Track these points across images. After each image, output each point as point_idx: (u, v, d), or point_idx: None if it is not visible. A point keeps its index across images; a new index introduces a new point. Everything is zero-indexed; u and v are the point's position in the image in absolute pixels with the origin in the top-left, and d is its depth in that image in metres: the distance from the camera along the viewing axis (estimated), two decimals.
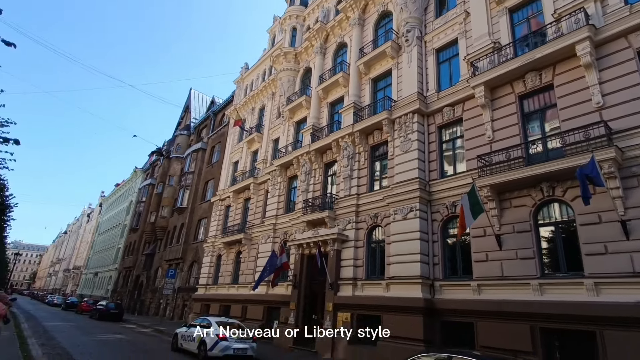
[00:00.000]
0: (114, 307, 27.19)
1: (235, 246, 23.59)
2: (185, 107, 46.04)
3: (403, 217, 13.02)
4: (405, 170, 13.57)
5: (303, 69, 22.91)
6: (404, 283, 12.21)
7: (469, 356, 5.89)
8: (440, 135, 13.78)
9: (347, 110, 17.17)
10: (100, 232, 67.10)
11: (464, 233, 10.03)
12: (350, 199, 15.53)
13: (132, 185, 56.36)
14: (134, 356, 11.76)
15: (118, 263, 49.10)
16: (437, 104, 13.81)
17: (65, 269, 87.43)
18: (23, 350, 10.76)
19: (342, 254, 15.07)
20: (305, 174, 18.63)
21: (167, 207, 38.29)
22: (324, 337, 14.01)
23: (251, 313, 19.19)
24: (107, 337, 16.20)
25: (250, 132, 26.26)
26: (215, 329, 12.04)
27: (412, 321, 11.45)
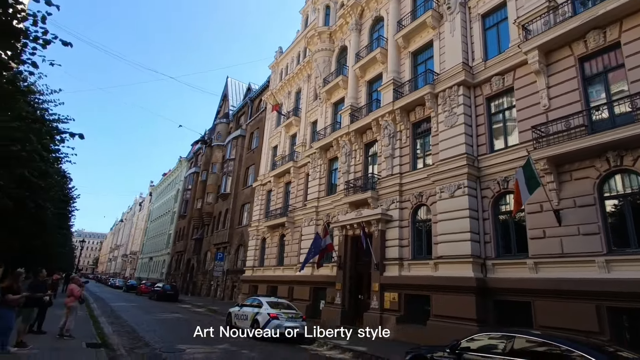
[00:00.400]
0: (170, 289, 29.00)
1: (279, 229, 24.10)
2: (223, 95, 47.02)
3: (450, 195, 12.56)
4: (451, 147, 13.01)
5: (338, 48, 22.42)
6: (453, 262, 11.88)
7: (534, 335, 5.60)
8: (488, 107, 13.01)
9: (386, 87, 16.65)
10: (152, 219, 71.35)
11: (519, 209, 9.47)
12: (393, 179, 15.22)
13: (178, 174, 59.02)
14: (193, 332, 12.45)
15: (170, 248, 52.10)
16: (485, 74, 12.98)
17: (123, 255, 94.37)
18: (96, 328, 11.77)
19: (387, 234, 14.90)
20: (346, 155, 18.46)
21: (211, 194, 39.78)
22: (371, 317, 14.08)
23: (298, 293, 19.67)
24: (165, 316, 17.33)
25: (288, 117, 26.35)
26: (266, 308, 12.44)
27: (463, 301, 11.15)
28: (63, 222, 20.67)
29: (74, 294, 9.88)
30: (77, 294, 9.80)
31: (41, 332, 9.61)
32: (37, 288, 8.30)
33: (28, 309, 7.99)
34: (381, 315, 13.78)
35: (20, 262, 16.32)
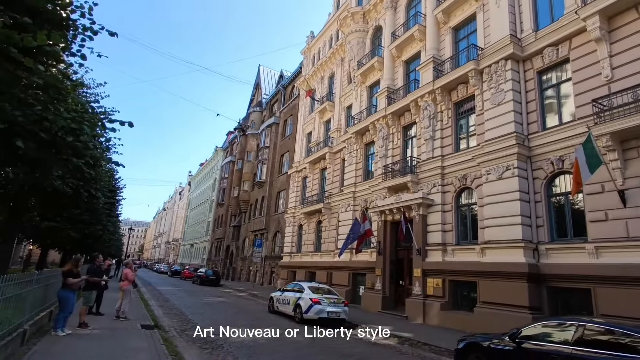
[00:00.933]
0: (212, 274, 30.08)
1: (315, 216, 24.17)
2: (255, 84, 47.37)
3: (498, 176, 11.90)
4: (498, 125, 12.27)
5: (372, 29, 21.70)
6: (502, 247, 11.31)
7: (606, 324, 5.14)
8: (539, 82, 12.09)
9: (426, 66, 15.93)
10: (191, 207, 74.22)
11: (579, 190, 8.76)
12: (434, 161, 14.66)
13: (215, 163, 60.66)
14: (238, 316, 12.81)
15: (209, 235, 54.02)
16: (535, 46, 12.03)
17: (166, 242, 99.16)
18: (148, 310, 12.36)
19: (428, 219, 14.46)
20: (383, 139, 18.00)
21: (247, 182, 40.55)
22: (414, 303, 13.82)
23: (337, 279, 19.70)
24: (210, 299, 17.96)
25: (322, 102, 26.07)
26: (308, 293, 12.51)
27: (514, 287, 10.62)
28: (112, 210, 21.81)
29: (128, 278, 10.37)
30: (132, 278, 10.29)
31: (99, 313, 10.19)
32: (96, 272, 8.78)
33: (88, 292, 8.49)
34: (424, 301, 13.48)
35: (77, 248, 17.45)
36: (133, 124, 5.71)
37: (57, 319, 7.59)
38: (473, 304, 12.17)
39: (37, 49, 4.77)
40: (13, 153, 5.36)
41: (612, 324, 5.21)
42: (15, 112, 4.74)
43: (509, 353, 5.69)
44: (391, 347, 9.67)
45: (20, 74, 4.38)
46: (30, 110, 4.99)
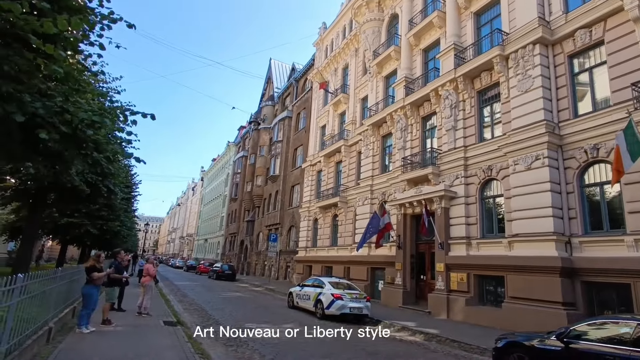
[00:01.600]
0: (228, 269, 30.14)
1: (331, 210, 23.88)
2: (267, 78, 47.06)
3: (526, 167, 11.40)
4: (526, 113, 11.73)
5: (388, 17, 21.13)
6: (532, 240, 10.85)
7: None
8: (571, 66, 11.49)
9: (446, 53, 15.38)
10: (204, 203, 74.73)
11: (620, 179, 8.23)
12: (456, 152, 14.18)
13: (227, 158, 60.77)
14: (257, 311, 12.66)
15: (223, 230, 54.28)
16: (566, 28, 11.42)
17: (180, 237, 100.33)
18: (168, 306, 12.29)
19: (451, 212, 14.03)
20: (401, 131, 17.53)
21: (260, 177, 40.46)
22: (437, 298, 13.47)
23: (354, 273, 19.42)
24: (228, 295, 17.90)
25: (336, 94, 25.64)
26: (329, 288, 12.26)
27: (546, 282, 10.18)
28: (128, 206, 21.90)
29: (150, 274, 10.27)
30: (153, 273, 10.18)
31: (121, 309, 10.11)
32: (118, 268, 8.64)
33: (110, 288, 8.36)
34: (448, 296, 13.12)
35: (96, 244, 17.55)
36: (155, 116, 5.47)
37: (81, 315, 7.48)
38: (500, 300, 11.78)
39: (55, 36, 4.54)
40: (34, 147, 5.18)
41: None
42: (36, 103, 4.53)
43: (556, 354, 5.32)
44: (418, 344, 9.36)
45: (40, 62, 4.15)
46: (51, 102, 4.78)
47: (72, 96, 5.13)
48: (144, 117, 5.42)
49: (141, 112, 5.36)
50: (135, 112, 5.35)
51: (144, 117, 5.42)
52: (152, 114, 5.46)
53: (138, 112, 5.35)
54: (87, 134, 5.57)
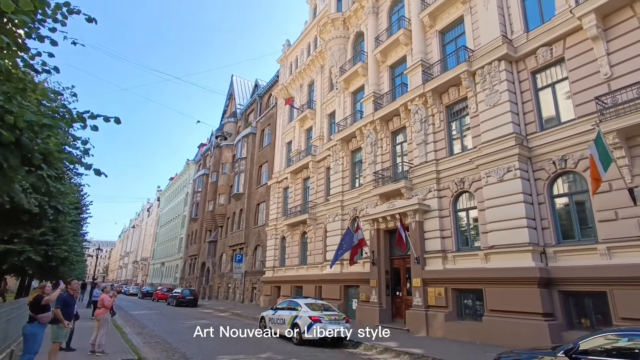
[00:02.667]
0: (189, 294, 28.18)
1: (299, 227, 23.22)
2: (228, 94, 46.11)
3: (499, 179, 11.56)
4: (495, 127, 12.01)
5: (354, 35, 21.41)
6: (508, 252, 10.89)
7: None
8: (534, 82, 11.97)
9: (414, 69, 15.64)
10: (161, 224, 70.73)
11: (598, 187, 8.39)
12: (428, 166, 14.23)
13: (187, 177, 58.26)
14: (227, 341, 11.60)
15: (182, 252, 51.40)
16: (528, 46, 11.94)
17: (134, 261, 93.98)
18: (125, 340, 10.92)
19: (425, 226, 13.94)
20: (371, 145, 17.47)
21: (223, 195, 38.95)
22: (415, 314, 13.15)
23: (327, 292, 18.75)
24: (192, 322, 16.48)
25: (302, 110, 25.38)
26: (306, 311, 11.53)
27: (525, 293, 10.18)
28: (78, 229, 19.89)
29: (105, 305, 9.03)
30: (109, 305, 8.95)
31: (70, 349, 8.76)
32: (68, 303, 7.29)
33: (57, 326, 7.06)
34: (426, 312, 12.84)
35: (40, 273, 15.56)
36: (120, 120, 4.72)
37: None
38: (479, 313, 11.68)
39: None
40: None
41: None
42: None
43: None
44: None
45: None
46: None
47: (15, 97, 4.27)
48: (107, 122, 4.63)
49: (103, 116, 4.58)
50: (95, 115, 4.56)
51: (106, 122, 4.62)
52: (117, 117, 4.71)
53: (100, 115, 4.57)
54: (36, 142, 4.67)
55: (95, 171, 4.92)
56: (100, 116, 4.62)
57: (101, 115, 4.63)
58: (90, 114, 4.60)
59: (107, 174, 5.20)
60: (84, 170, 4.85)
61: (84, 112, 4.62)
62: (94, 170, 4.90)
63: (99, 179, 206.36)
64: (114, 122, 4.72)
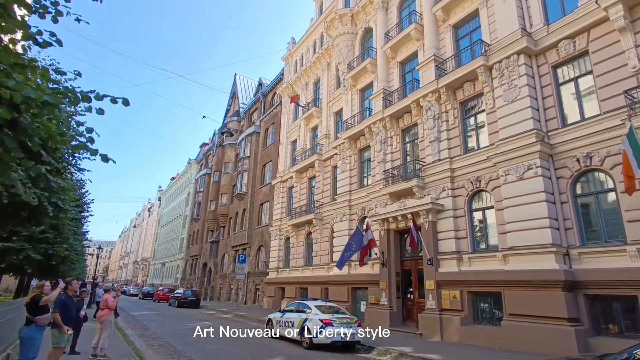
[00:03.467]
0: (191, 295, 27.68)
1: (305, 227, 22.74)
2: (231, 93, 45.67)
3: (518, 177, 11.08)
4: (514, 123, 11.53)
5: (362, 31, 20.96)
6: (529, 253, 10.40)
7: None
8: (555, 76, 11.49)
9: (426, 65, 15.18)
10: (162, 224, 70.24)
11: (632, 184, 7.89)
12: (441, 164, 13.75)
13: (188, 177, 57.80)
14: (234, 344, 11.11)
15: (183, 252, 50.90)
16: (549, 40, 11.47)
17: (134, 261, 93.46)
18: (127, 342, 10.44)
19: (439, 226, 13.45)
20: (381, 143, 17.00)
21: (226, 195, 38.49)
22: (428, 318, 12.64)
23: (334, 294, 18.22)
24: (196, 324, 15.94)
25: (308, 108, 24.92)
26: (317, 313, 11.03)
27: (548, 297, 9.68)
28: (78, 227, 19.42)
29: (109, 306, 8.54)
30: (112, 306, 8.45)
31: (74, 352, 8.26)
32: (67, 305, 6.77)
33: (55, 330, 6.54)
34: (440, 316, 12.34)
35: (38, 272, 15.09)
36: (128, 101, 4.27)
37: None
38: (497, 318, 11.20)
39: None
40: None
41: None
42: None
43: None
44: None
45: None
46: None
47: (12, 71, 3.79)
48: (114, 103, 4.18)
49: (110, 96, 4.12)
50: (102, 95, 4.10)
51: (113, 103, 4.17)
52: (125, 98, 4.25)
53: (106, 95, 4.11)
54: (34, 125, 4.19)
55: (102, 157, 4.44)
56: (107, 96, 4.16)
57: (108, 95, 4.17)
58: (96, 93, 4.13)
59: (115, 160, 4.74)
60: (90, 156, 4.35)
61: (89, 91, 4.16)
62: (100, 156, 4.41)
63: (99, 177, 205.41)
64: (121, 103, 4.27)
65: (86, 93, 4.10)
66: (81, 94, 4.04)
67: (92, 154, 4.43)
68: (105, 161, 4.55)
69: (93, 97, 4.08)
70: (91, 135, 4.61)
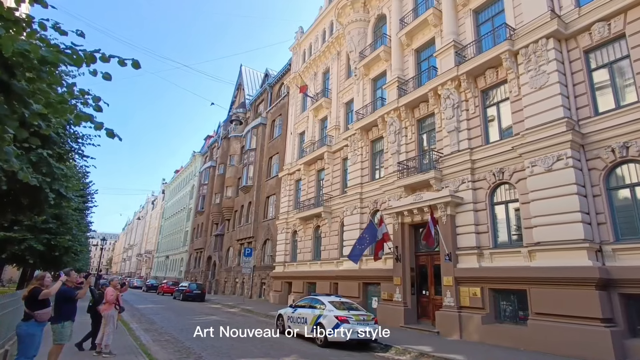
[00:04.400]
0: (196, 288, 27.26)
1: (313, 221, 22.20)
2: (237, 85, 45.03)
3: (547, 168, 10.43)
4: (542, 111, 10.86)
5: (375, 18, 20.21)
6: (558, 249, 9.78)
7: None
8: (587, 62, 10.79)
9: (445, 51, 14.48)
10: (166, 217, 69.99)
11: None
12: (461, 155, 13.12)
13: (193, 169, 57.37)
14: (244, 340, 10.62)
15: (187, 245, 50.60)
16: (581, 22, 10.76)
17: (137, 254, 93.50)
18: (133, 337, 9.95)
19: (457, 220, 12.85)
20: (395, 134, 16.35)
21: (231, 187, 38.01)
22: (446, 316, 12.09)
23: (343, 290, 17.69)
24: (202, 319, 15.53)
25: (317, 99, 24.26)
26: (331, 309, 10.50)
27: (580, 295, 9.09)
28: (82, 217, 18.96)
29: (107, 299, 8.02)
30: (111, 299, 7.91)
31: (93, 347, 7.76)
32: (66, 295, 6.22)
33: (59, 325, 6.03)
34: (459, 313, 11.77)
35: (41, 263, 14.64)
36: (139, 63, 3.69)
37: None
38: (521, 316, 10.63)
39: None
40: None
41: None
42: None
43: None
44: None
45: None
46: None
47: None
48: (123, 65, 3.61)
49: (118, 57, 3.53)
50: (108, 56, 3.51)
51: (121, 65, 3.60)
52: (135, 59, 3.67)
53: (114, 55, 3.52)
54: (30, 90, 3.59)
55: (108, 132, 3.84)
56: (114, 57, 3.56)
57: (115, 56, 3.57)
58: (101, 53, 3.55)
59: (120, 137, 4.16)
60: (95, 130, 3.77)
61: (93, 50, 3.57)
62: (105, 130, 3.82)
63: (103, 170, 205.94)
64: (131, 65, 3.70)
65: (91, 52, 3.51)
66: (84, 53, 3.45)
67: (97, 127, 3.83)
68: (111, 137, 3.95)
69: (99, 57, 3.48)
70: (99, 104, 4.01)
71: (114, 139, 3.99)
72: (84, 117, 3.67)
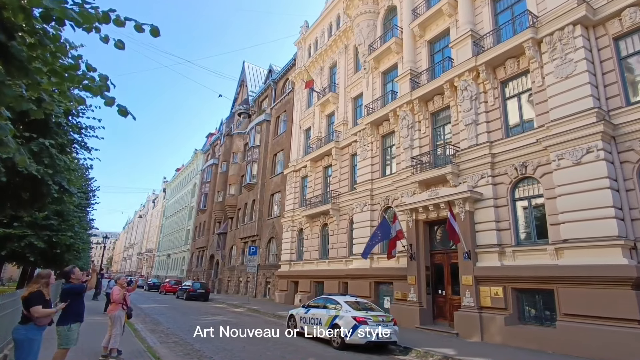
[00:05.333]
0: (200, 287, 26.75)
1: (320, 218, 21.68)
2: (240, 81, 44.48)
3: (575, 162, 9.90)
4: (569, 101, 10.32)
5: (384, 10, 19.66)
6: (589, 247, 9.26)
7: None
8: (617, 49, 10.25)
9: (461, 42, 13.93)
10: (167, 215, 69.48)
11: None
12: (479, 149, 12.58)
13: (194, 167, 56.84)
14: (255, 342, 10.10)
15: (189, 244, 50.09)
16: (610, 8, 10.22)
17: (138, 253, 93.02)
18: (139, 339, 9.44)
19: (476, 216, 12.32)
20: (407, 128, 15.81)
21: (234, 185, 37.50)
22: (466, 317, 11.57)
23: (353, 289, 17.15)
24: (208, 319, 15.01)
25: (323, 94, 23.72)
26: (348, 310, 9.97)
27: (614, 296, 8.57)
28: (84, 214, 18.44)
29: (114, 299, 7.50)
30: (117, 299, 7.38)
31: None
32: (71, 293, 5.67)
33: (66, 327, 5.47)
34: (480, 314, 11.25)
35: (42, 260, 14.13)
36: (158, 30, 3.14)
37: None
38: (548, 317, 10.11)
39: None
40: None
41: None
42: None
43: None
44: None
45: None
46: None
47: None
48: (140, 31, 3.06)
49: (134, 20, 2.99)
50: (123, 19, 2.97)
51: (138, 31, 3.05)
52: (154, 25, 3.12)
53: (129, 18, 2.98)
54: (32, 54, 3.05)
55: (120, 108, 3.31)
56: (130, 20, 3.01)
57: (131, 19, 3.03)
58: (116, 15, 3.01)
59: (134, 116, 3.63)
60: (105, 105, 3.22)
61: (108, 10, 3.02)
62: (118, 107, 3.28)
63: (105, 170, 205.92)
64: (149, 32, 3.14)
65: (105, 12, 2.97)
66: (95, 12, 2.92)
67: (108, 103, 3.27)
68: (124, 115, 3.41)
69: (113, 18, 2.95)
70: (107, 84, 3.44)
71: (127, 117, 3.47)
72: (95, 89, 3.12)
